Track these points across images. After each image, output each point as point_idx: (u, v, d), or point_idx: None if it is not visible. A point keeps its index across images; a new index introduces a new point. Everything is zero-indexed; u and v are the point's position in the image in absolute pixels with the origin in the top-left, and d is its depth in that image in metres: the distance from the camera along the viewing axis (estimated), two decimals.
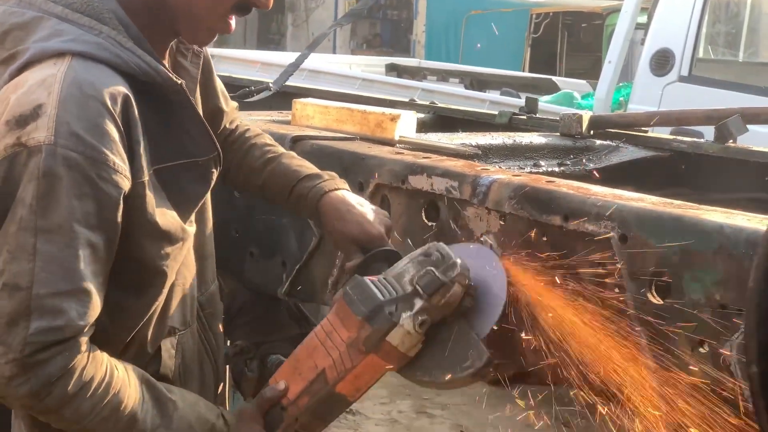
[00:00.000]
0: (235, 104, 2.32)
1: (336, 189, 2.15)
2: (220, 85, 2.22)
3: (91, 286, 1.70)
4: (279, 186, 2.21)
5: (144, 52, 1.79)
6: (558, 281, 1.89)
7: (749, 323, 1.15)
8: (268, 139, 2.32)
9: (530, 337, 1.90)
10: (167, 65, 1.91)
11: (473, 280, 1.90)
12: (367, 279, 1.89)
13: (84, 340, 1.72)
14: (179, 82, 1.84)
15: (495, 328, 1.90)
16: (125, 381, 1.79)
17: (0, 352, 1.67)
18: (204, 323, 2.15)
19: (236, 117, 2.33)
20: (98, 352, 1.77)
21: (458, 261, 1.86)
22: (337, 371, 1.90)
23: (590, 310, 1.84)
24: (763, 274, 1.18)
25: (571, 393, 1.90)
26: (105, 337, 1.79)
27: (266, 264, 2.66)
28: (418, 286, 1.84)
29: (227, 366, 2.72)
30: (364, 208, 2.13)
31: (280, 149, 2.28)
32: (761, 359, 1.14)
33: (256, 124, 2.47)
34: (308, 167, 2.22)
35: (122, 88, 1.75)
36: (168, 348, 2.00)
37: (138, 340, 1.93)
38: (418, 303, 1.84)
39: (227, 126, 2.28)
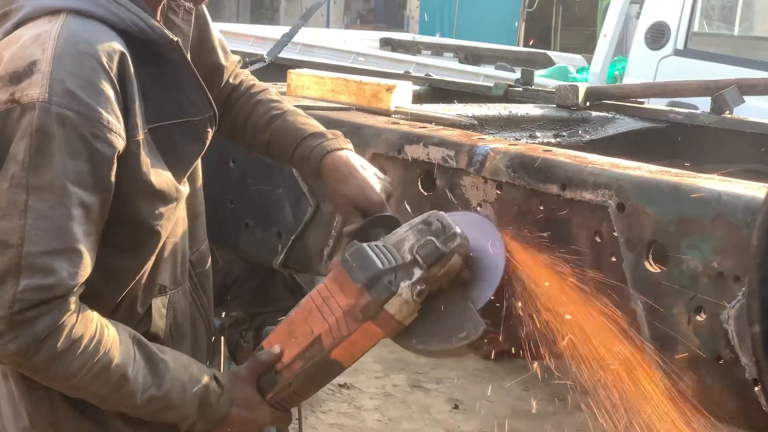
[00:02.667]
0: (236, 58, 2.28)
1: (340, 149, 2.12)
2: (218, 39, 2.18)
3: (83, 246, 1.69)
4: (283, 144, 2.18)
5: (139, 9, 1.78)
6: (555, 255, 1.89)
7: (752, 283, 1.15)
8: (273, 95, 2.29)
9: (526, 311, 1.90)
10: (160, 20, 1.88)
11: (473, 251, 1.89)
12: (366, 246, 1.88)
13: (73, 299, 1.71)
14: (175, 39, 1.82)
15: (492, 298, 1.89)
16: (116, 340, 1.79)
17: None
18: (195, 282, 2.14)
19: (240, 72, 2.30)
20: (88, 311, 1.76)
21: (459, 231, 1.85)
22: (333, 337, 1.89)
23: (589, 284, 1.83)
24: (765, 234, 1.18)
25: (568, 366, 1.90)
26: (96, 297, 1.78)
27: (261, 235, 2.65)
28: (417, 256, 1.84)
29: (222, 337, 2.73)
30: (367, 171, 2.10)
31: (286, 105, 2.25)
32: (763, 319, 1.14)
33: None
34: (313, 125, 2.19)
35: (118, 46, 1.73)
36: (159, 307, 1.99)
37: (128, 300, 1.91)
38: (417, 272, 1.84)
39: (230, 81, 2.25)
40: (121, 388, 1.80)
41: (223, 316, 2.69)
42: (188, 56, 1.91)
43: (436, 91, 3.57)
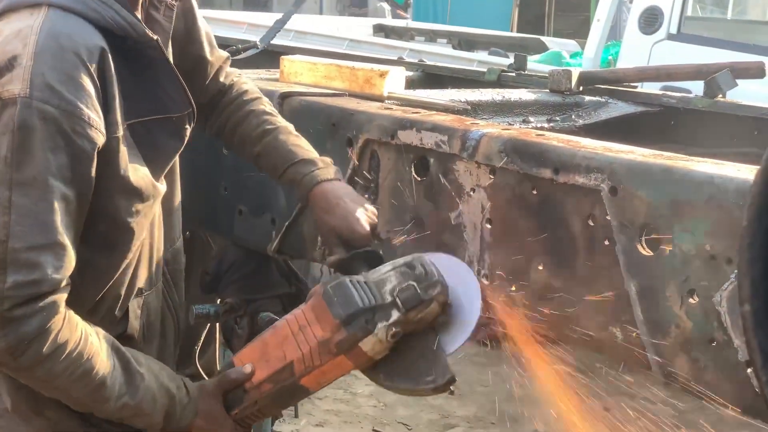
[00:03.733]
0: (224, 54, 2.28)
1: (329, 179, 2.15)
2: (205, 32, 2.18)
3: (66, 240, 1.70)
4: (273, 163, 2.21)
5: (120, 6, 1.77)
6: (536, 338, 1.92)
7: (741, 263, 1.16)
8: (266, 105, 2.30)
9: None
10: (140, 18, 1.88)
11: (450, 298, 1.93)
12: (348, 282, 1.90)
13: (62, 299, 1.72)
14: (155, 38, 1.82)
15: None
16: (98, 347, 1.81)
17: None
18: (168, 279, 2.16)
19: (231, 72, 2.30)
20: (74, 316, 1.77)
21: (440, 279, 1.89)
22: (304, 365, 1.93)
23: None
24: (756, 213, 1.18)
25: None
26: (75, 295, 1.78)
27: (255, 221, 2.65)
28: (398, 299, 1.87)
29: (218, 324, 2.73)
30: (354, 203, 2.13)
31: (278, 121, 2.27)
32: (753, 298, 1.15)
33: (249, 80, 2.44)
34: (304, 148, 2.21)
35: (98, 42, 1.73)
36: (134, 309, 2.01)
37: (108, 302, 1.93)
38: (395, 315, 1.87)
39: (221, 80, 2.25)
40: (97, 393, 1.82)
41: (218, 302, 2.69)
42: (169, 53, 1.91)
43: (430, 77, 3.56)
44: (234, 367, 2.00)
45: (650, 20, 6.99)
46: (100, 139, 1.72)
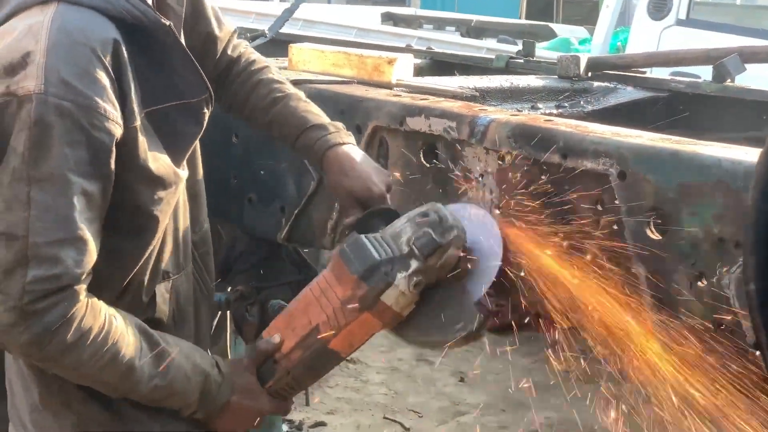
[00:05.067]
0: (231, 28, 2.28)
1: (342, 143, 2.15)
2: (212, 8, 2.18)
3: (87, 234, 1.71)
4: (285, 130, 2.21)
5: None
6: (554, 240, 1.90)
7: (747, 243, 1.16)
8: (274, 73, 2.29)
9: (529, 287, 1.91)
10: (153, 4, 1.88)
11: (470, 243, 1.91)
12: (363, 237, 1.90)
13: (82, 288, 1.73)
14: (167, 23, 1.82)
15: (489, 290, 1.91)
16: (123, 331, 1.81)
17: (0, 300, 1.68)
18: (198, 263, 2.16)
19: (238, 44, 2.30)
20: (96, 301, 1.78)
21: (456, 223, 1.87)
22: (330, 327, 1.91)
23: (592, 273, 1.85)
24: (761, 193, 1.19)
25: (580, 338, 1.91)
26: (101, 283, 1.79)
27: (265, 210, 2.66)
28: (414, 247, 1.86)
29: (228, 312, 2.74)
30: (368, 165, 2.13)
31: (288, 87, 2.26)
32: (758, 278, 1.15)
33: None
34: (315, 114, 2.21)
35: (111, 33, 1.73)
36: (162, 293, 2.01)
37: (133, 287, 1.93)
38: (414, 264, 1.86)
39: (229, 53, 2.25)
40: (127, 377, 1.82)
41: (229, 290, 2.70)
42: (182, 38, 1.91)
43: (438, 64, 3.56)
44: (264, 339, 2.00)
45: (659, 6, 6.96)
46: (118, 130, 1.73)
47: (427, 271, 1.86)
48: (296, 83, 2.57)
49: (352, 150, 2.15)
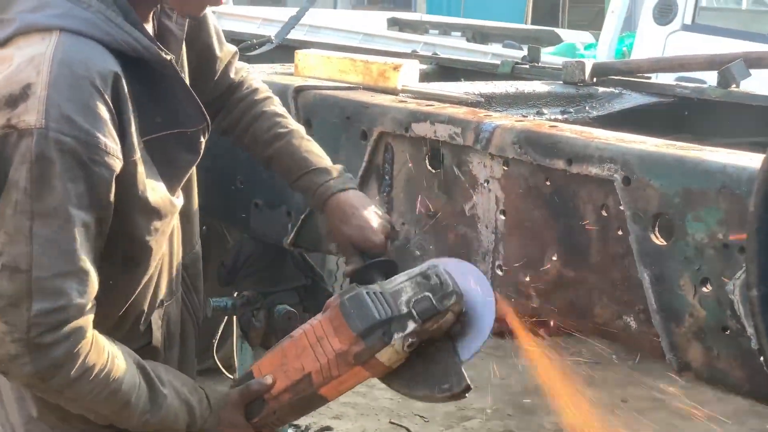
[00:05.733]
0: (232, 48, 2.27)
1: (344, 189, 2.17)
2: (213, 27, 2.17)
3: (88, 265, 1.72)
4: (286, 169, 2.23)
5: (132, 28, 1.76)
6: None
7: (750, 249, 1.17)
8: (277, 106, 2.30)
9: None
10: (153, 29, 1.88)
11: (465, 306, 1.94)
12: (365, 293, 1.92)
13: (88, 325, 1.74)
14: (168, 58, 1.81)
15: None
16: (123, 368, 1.83)
17: (5, 330, 1.69)
18: (188, 284, 2.19)
19: (241, 68, 2.30)
20: (100, 337, 1.79)
21: (455, 289, 1.90)
22: (323, 376, 1.95)
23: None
24: (763, 199, 1.19)
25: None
26: (99, 313, 1.80)
27: (271, 214, 2.67)
28: (413, 310, 1.89)
29: (234, 317, 2.75)
30: (369, 212, 2.15)
31: (290, 123, 2.27)
32: (761, 283, 1.16)
33: (259, 76, 2.45)
34: (317, 155, 2.22)
35: (112, 66, 1.72)
36: (156, 320, 2.03)
37: (132, 317, 1.96)
38: (411, 326, 1.89)
39: (231, 75, 2.25)
40: (121, 412, 1.85)
41: (235, 295, 2.71)
42: (180, 59, 1.91)
43: (443, 70, 3.57)
44: (255, 379, 2.03)
45: (665, 11, 6.97)
46: (118, 165, 1.73)
47: (423, 333, 1.90)
48: (302, 89, 2.58)
49: (354, 197, 2.17)
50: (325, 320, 1.96)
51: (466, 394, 1.92)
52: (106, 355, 1.79)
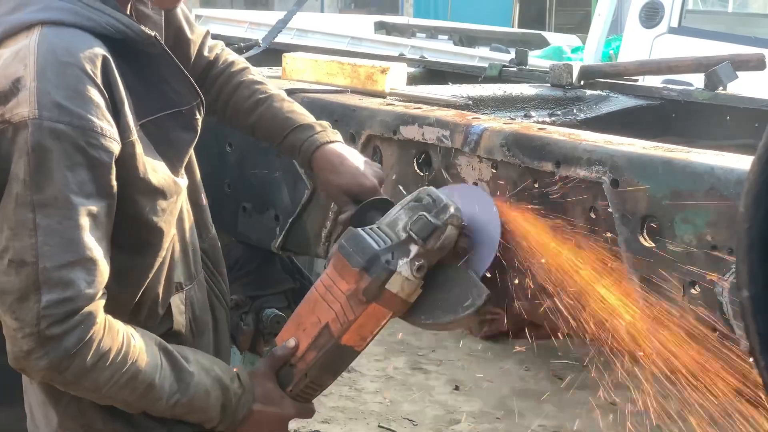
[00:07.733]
0: (203, 29, 2.26)
1: (329, 141, 2.15)
2: (182, 12, 2.15)
3: (96, 254, 1.70)
4: (270, 131, 2.21)
5: (113, 10, 1.76)
6: (549, 222, 1.91)
7: (739, 249, 1.17)
8: (255, 74, 2.29)
9: (524, 286, 1.92)
10: (132, 16, 1.88)
11: (467, 220, 1.91)
12: (360, 230, 1.90)
13: (98, 311, 1.73)
14: (152, 34, 1.82)
15: (488, 274, 1.92)
16: (142, 350, 1.81)
17: (16, 326, 1.68)
18: (210, 269, 2.17)
19: (214, 45, 2.28)
20: (114, 321, 1.78)
21: (450, 203, 1.88)
22: (340, 323, 1.91)
23: (581, 251, 1.85)
24: (753, 199, 1.20)
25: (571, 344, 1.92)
26: (113, 300, 1.79)
27: (259, 218, 2.67)
28: (412, 232, 1.86)
29: None
30: (357, 159, 2.14)
31: (269, 89, 2.26)
32: (751, 284, 1.17)
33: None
34: (300, 113, 2.21)
35: (98, 50, 1.72)
36: (177, 304, 2.01)
37: (148, 302, 1.94)
38: (414, 249, 1.86)
39: (205, 54, 2.24)
40: (147, 395, 1.82)
41: None
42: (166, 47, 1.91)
43: (431, 73, 3.58)
44: (278, 346, 2.01)
45: (651, 14, 7.00)
46: (116, 147, 1.72)
47: (428, 254, 1.87)
48: (290, 92, 2.57)
49: (340, 147, 2.15)
50: (329, 269, 1.94)
51: (489, 307, 1.88)
52: (121, 337, 1.77)
